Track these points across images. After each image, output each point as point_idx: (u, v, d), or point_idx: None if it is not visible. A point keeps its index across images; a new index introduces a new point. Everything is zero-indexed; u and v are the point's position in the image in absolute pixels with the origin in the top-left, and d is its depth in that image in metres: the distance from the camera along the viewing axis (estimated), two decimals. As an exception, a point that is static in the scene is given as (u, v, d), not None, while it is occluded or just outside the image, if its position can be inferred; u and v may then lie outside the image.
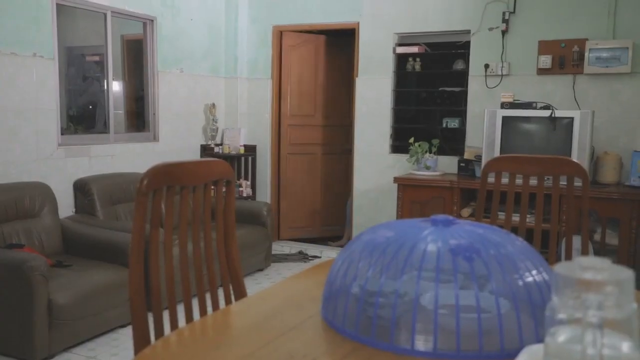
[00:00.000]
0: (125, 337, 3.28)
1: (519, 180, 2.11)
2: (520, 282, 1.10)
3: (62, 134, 4.01)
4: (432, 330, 1.04)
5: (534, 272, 1.12)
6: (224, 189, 1.68)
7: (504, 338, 1.04)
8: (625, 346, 0.67)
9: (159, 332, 1.43)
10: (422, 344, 1.05)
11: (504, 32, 4.45)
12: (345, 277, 1.19)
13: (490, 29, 4.51)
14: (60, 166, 3.95)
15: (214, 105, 5.27)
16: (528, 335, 1.06)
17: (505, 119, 4.04)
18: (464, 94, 4.72)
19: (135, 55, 4.90)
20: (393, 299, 1.08)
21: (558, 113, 3.91)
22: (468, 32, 4.62)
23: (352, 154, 5.21)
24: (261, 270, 4.71)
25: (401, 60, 4.99)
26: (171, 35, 4.86)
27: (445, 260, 1.09)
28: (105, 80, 4.42)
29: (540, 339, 1.04)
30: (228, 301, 1.65)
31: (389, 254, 1.14)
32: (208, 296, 1.63)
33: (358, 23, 5.02)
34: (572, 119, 3.86)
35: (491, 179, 2.15)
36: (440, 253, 1.11)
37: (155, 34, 4.71)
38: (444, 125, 4.80)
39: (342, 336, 1.16)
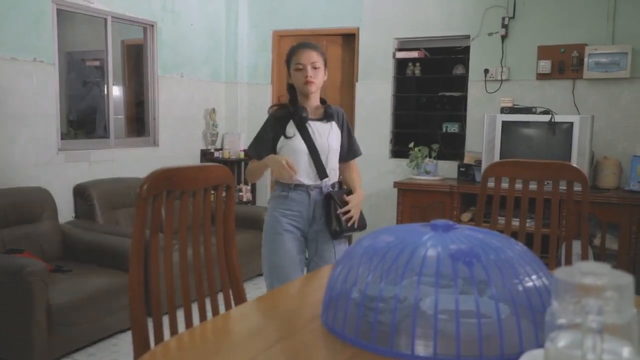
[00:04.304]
0: (125, 342, 3.27)
1: (518, 185, 2.11)
2: (520, 287, 1.10)
3: (62, 139, 4.02)
4: (432, 335, 1.04)
5: (533, 277, 1.12)
6: (223, 194, 1.68)
7: (504, 343, 1.04)
8: (625, 351, 0.67)
9: (159, 338, 1.43)
10: (422, 349, 1.04)
11: (503, 37, 4.47)
12: (345, 282, 1.20)
13: (490, 34, 4.53)
14: (60, 171, 3.95)
15: (214, 110, 5.28)
16: (528, 340, 1.06)
17: (504, 124, 4.04)
18: (464, 98, 4.73)
19: (136, 60, 4.91)
20: (393, 304, 1.08)
21: (557, 118, 3.92)
22: (468, 37, 4.64)
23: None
24: (261, 275, 4.70)
25: (401, 65, 5.00)
26: (171, 41, 4.87)
27: (445, 266, 1.09)
28: (106, 85, 4.43)
29: (540, 344, 1.04)
30: (228, 306, 1.65)
31: (389, 259, 1.15)
32: (208, 301, 1.63)
33: (358, 28, 5.03)
34: (571, 123, 3.86)
35: (491, 183, 2.15)
36: (440, 258, 1.11)
37: (155, 39, 4.72)
38: (444, 130, 4.81)
39: (342, 341, 1.16)
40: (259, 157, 2.42)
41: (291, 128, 2.42)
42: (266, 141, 2.44)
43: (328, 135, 2.46)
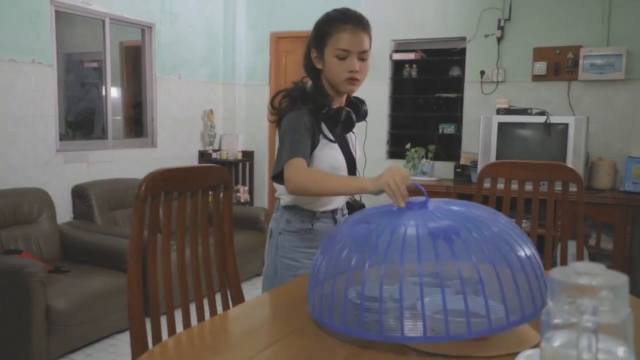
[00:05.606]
0: (123, 342, 3.27)
1: (514, 186, 2.13)
2: (501, 255, 1.11)
3: (60, 139, 4.02)
4: (420, 315, 1.05)
5: (512, 243, 1.14)
6: (221, 195, 1.69)
7: (490, 314, 1.05)
8: (620, 351, 0.68)
9: (157, 338, 1.43)
10: (411, 330, 1.06)
11: (499, 39, 4.48)
12: (328, 269, 1.20)
13: (486, 36, 4.54)
14: (59, 172, 3.95)
15: (212, 111, 5.28)
16: (513, 309, 1.07)
17: (500, 125, 4.06)
18: (460, 100, 4.74)
19: (134, 62, 4.92)
20: (378, 287, 1.08)
21: (553, 119, 3.93)
22: (464, 39, 4.65)
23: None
24: (259, 275, 4.71)
25: (398, 67, 5.02)
26: (169, 42, 4.87)
27: (425, 244, 1.10)
28: (104, 87, 4.43)
29: (525, 313, 1.06)
30: (226, 306, 1.66)
31: (371, 242, 1.15)
32: (206, 302, 1.63)
33: (355, 29, 5.04)
34: (566, 125, 3.88)
35: (487, 184, 2.16)
36: (419, 237, 1.11)
37: (153, 41, 4.72)
38: (440, 131, 4.82)
39: (339, 341, 1.17)
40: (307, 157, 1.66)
41: (326, 131, 1.79)
42: (305, 142, 1.67)
43: (358, 144, 1.99)
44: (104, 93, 4.44)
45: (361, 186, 1.53)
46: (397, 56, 4.94)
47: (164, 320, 1.47)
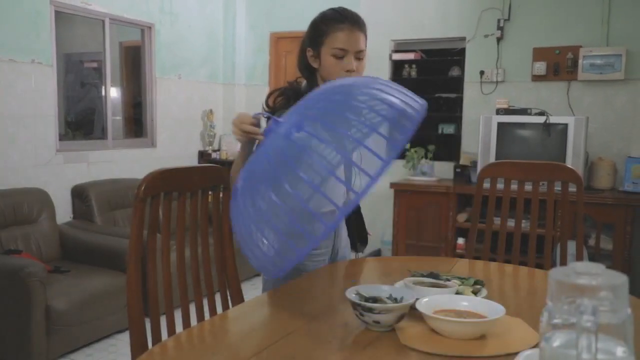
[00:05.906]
0: (122, 342, 3.27)
1: (514, 186, 2.13)
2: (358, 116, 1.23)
3: (60, 140, 4.02)
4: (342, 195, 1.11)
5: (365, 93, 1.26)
6: (221, 195, 1.69)
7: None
8: (620, 351, 0.68)
9: (157, 338, 1.44)
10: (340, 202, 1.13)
11: (499, 39, 4.48)
12: (247, 222, 1.23)
13: (486, 36, 4.54)
14: (59, 172, 3.95)
15: (211, 111, 5.28)
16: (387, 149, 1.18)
17: (500, 125, 4.06)
18: (460, 100, 4.74)
19: (134, 62, 4.92)
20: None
21: (552, 119, 3.93)
22: (463, 39, 4.65)
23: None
24: (258, 275, 4.71)
25: (397, 67, 5.02)
26: (169, 42, 4.87)
27: (288, 145, 1.19)
28: (104, 87, 4.43)
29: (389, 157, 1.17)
30: (225, 307, 1.66)
31: (258, 178, 1.22)
32: (205, 302, 1.64)
33: (355, 30, 5.03)
34: (566, 125, 3.88)
35: (487, 184, 2.16)
36: (282, 148, 1.20)
37: (153, 41, 4.72)
38: (440, 131, 4.82)
39: (339, 342, 1.17)
40: None
41: None
42: None
43: None
44: (103, 93, 4.44)
45: (238, 149, 1.69)
46: (397, 56, 4.94)
47: (163, 321, 1.47)
